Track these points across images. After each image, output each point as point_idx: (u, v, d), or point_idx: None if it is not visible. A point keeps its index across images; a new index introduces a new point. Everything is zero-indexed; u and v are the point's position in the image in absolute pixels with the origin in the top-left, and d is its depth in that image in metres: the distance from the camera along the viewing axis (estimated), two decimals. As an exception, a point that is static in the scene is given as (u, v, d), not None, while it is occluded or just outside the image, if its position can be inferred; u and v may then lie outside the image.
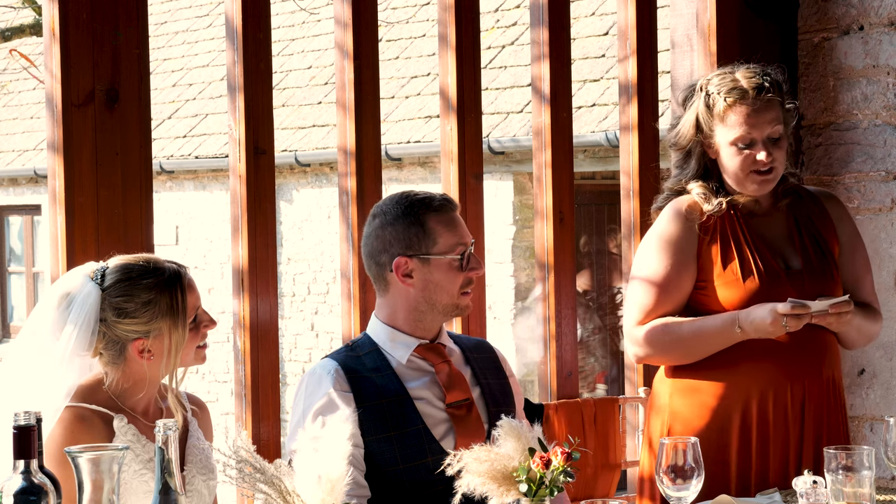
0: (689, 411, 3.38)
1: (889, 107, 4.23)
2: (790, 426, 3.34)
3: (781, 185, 3.47)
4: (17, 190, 13.77)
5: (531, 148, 4.31)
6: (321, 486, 2.28)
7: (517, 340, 9.66)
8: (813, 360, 3.36)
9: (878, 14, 4.24)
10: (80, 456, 2.10)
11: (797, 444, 3.36)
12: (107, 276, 2.78)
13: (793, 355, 3.33)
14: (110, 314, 2.75)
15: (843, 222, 3.52)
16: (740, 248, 3.36)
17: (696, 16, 4.28)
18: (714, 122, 3.37)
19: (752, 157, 3.34)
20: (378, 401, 2.97)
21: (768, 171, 3.35)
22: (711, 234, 3.38)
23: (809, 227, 3.44)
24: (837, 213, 3.53)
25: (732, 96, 3.34)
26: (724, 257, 3.35)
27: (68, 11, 3.15)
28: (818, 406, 3.37)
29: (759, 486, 3.33)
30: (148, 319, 2.75)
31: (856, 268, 3.49)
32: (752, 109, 3.33)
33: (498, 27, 11.12)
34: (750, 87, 3.34)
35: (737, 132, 3.33)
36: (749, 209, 3.42)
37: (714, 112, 3.36)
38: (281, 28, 12.61)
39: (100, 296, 2.75)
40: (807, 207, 3.48)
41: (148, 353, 2.77)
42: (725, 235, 3.38)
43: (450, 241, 3.03)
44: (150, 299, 2.76)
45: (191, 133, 12.35)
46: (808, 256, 3.40)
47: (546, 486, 2.42)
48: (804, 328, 3.28)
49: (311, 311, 11.63)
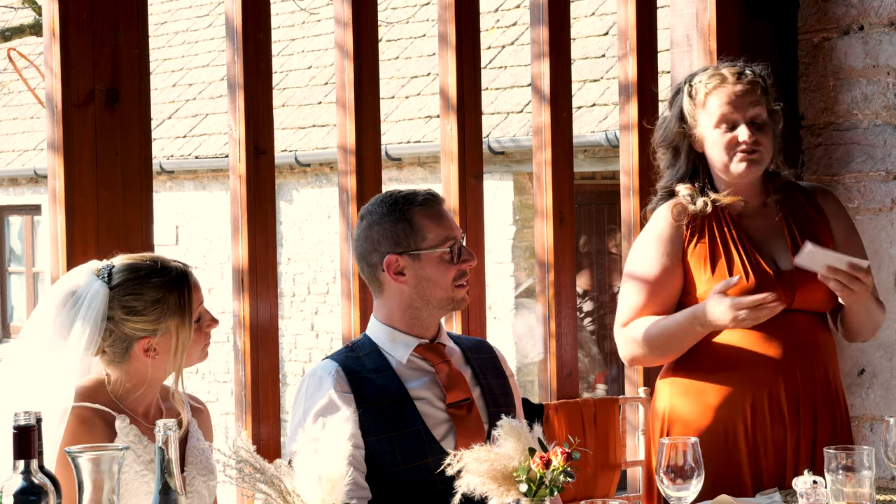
0: (687, 411, 3.39)
1: (889, 107, 4.23)
2: (787, 427, 3.33)
3: (773, 182, 3.46)
4: (17, 190, 13.77)
5: (531, 148, 4.31)
6: (321, 487, 2.28)
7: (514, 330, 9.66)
8: (806, 360, 3.35)
9: (878, 14, 4.24)
10: (80, 456, 2.10)
11: (794, 445, 3.35)
12: (114, 274, 2.78)
13: (786, 356, 3.32)
14: (119, 312, 2.75)
15: (837, 219, 3.49)
16: (728, 250, 3.35)
17: (695, 15, 4.28)
18: (697, 111, 3.38)
19: (735, 138, 3.34)
20: (378, 401, 2.97)
21: (753, 152, 3.33)
22: (699, 236, 3.37)
23: (802, 225, 3.42)
24: (832, 209, 3.50)
25: (713, 81, 3.36)
26: (712, 260, 3.35)
27: (68, 11, 3.15)
28: (813, 406, 3.36)
29: (755, 486, 3.33)
30: (156, 318, 2.76)
31: None
32: (732, 91, 3.34)
33: (498, 27, 11.12)
34: (730, 73, 3.36)
35: (718, 113, 3.34)
36: (738, 210, 3.42)
37: (696, 101, 3.38)
38: (281, 28, 12.61)
39: (108, 294, 2.75)
40: (799, 204, 3.46)
41: (153, 351, 2.77)
42: (713, 237, 3.37)
43: (438, 235, 3.03)
44: (158, 297, 2.76)
45: (191, 133, 12.35)
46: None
47: (546, 486, 2.42)
48: (801, 329, 3.27)
49: (311, 311, 11.63)
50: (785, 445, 3.34)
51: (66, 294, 2.77)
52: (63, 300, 2.76)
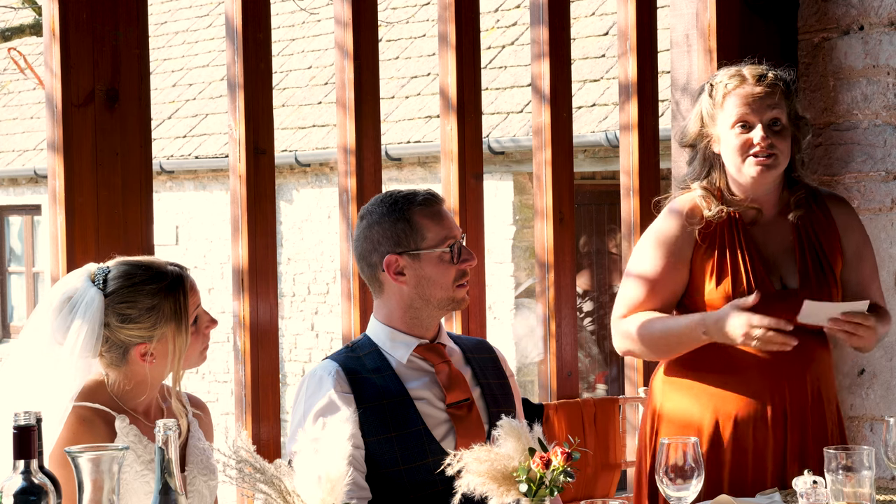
0: (676, 410, 3.38)
1: (889, 107, 4.23)
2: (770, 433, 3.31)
3: (795, 194, 3.40)
4: (17, 190, 13.77)
5: (531, 148, 4.31)
6: (321, 487, 2.28)
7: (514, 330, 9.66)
8: (798, 373, 3.32)
9: (878, 14, 4.24)
10: (80, 456, 2.10)
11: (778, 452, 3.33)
12: (109, 280, 2.76)
13: (776, 364, 3.29)
14: (114, 319, 2.74)
15: (849, 231, 3.43)
16: (735, 263, 3.31)
17: (695, 15, 4.28)
18: (716, 111, 3.34)
19: (750, 140, 3.30)
20: (378, 401, 2.97)
21: (768, 156, 3.29)
22: (709, 243, 3.33)
23: (812, 240, 3.37)
24: (844, 221, 3.44)
25: (733, 82, 3.32)
26: (718, 271, 3.31)
27: (68, 11, 3.15)
28: (801, 417, 3.33)
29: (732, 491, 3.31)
30: (151, 325, 2.75)
31: (861, 277, 3.43)
32: (750, 93, 3.30)
33: (498, 27, 11.12)
34: (751, 75, 3.33)
35: (734, 114, 3.31)
36: (751, 217, 3.38)
37: (715, 100, 3.34)
38: (281, 28, 12.61)
39: (103, 301, 2.74)
40: (813, 217, 3.40)
41: (150, 356, 2.76)
42: (723, 246, 3.32)
43: (438, 235, 3.02)
44: (153, 305, 2.75)
45: (191, 133, 12.35)
46: (807, 274, 3.33)
47: (546, 486, 2.42)
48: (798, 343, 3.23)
49: (311, 311, 11.63)
50: (766, 451, 3.32)
51: (62, 299, 2.76)
52: (59, 306, 2.75)
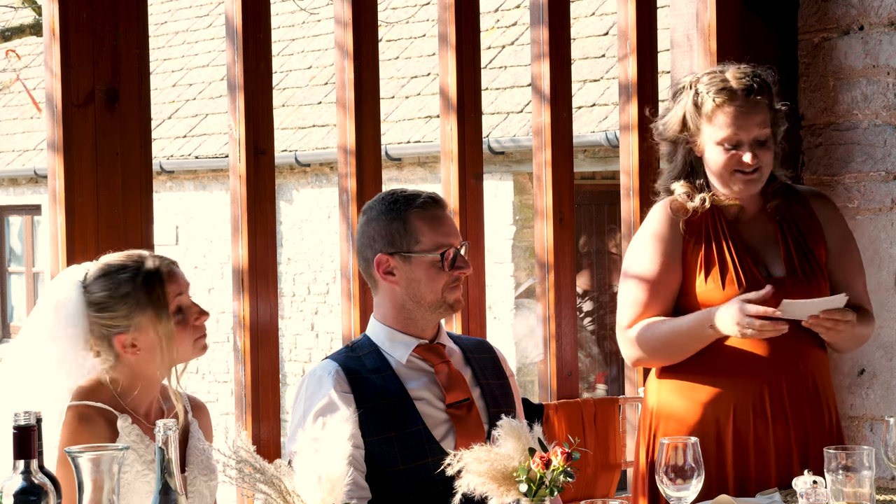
0: (676, 409, 3.39)
1: (889, 107, 4.22)
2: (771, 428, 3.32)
3: (771, 186, 3.46)
4: (17, 190, 13.77)
5: (531, 148, 4.31)
6: (321, 487, 2.28)
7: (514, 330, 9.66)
8: (793, 367, 3.34)
9: (878, 14, 4.24)
10: (80, 456, 2.10)
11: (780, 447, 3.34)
12: (88, 273, 2.81)
13: (773, 363, 3.32)
14: (91, 309, 2.77)
15: (831, 224, 3.48)
16: (722, 255, 3.35)
17: (696, 16, 4.28)
18: (701, 121, 3.37)
19: (737, 157, 3.34)
20: (378, 401, 2.97)
21: (753, 171, 3.35)
22: (696, 237, 3.38)
23: (795, 232, 3.42)
24: (826, 214, 3.50)
25: (721, 96, 3.34)
26: (706, 264, 3.35)
27: (68, 11, 3.15)
28: (801, 411, 3.35)
29: (736, 489, 3.32)
30: (127, 313, 2.76)
31: (845, 271, 3.46)
32: (740, 111, 3.32)
33: (498, 27, 11.12)
34: (739, 88, 3.34)
35: (724, 133, 3.33)
36: (734, 213, 3.43)
37: (702, 111, 3.36)
38: (281, 28, 12.61)
39: (81, 292, 2.77)
40: (793, 210, 3.46)
41: (133, 347, 2.76)
42: (709, 240, 3.37)
43: (431, 240, 3.00)
44: (126, 292, 2.76)
45: (191, 133, 12.35)
46: (792, 264, 3.37)
47: (546, 486, 2.42)
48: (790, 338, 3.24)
49: (311, 311, 11.63)
50: (768, 446, 3.33)
51: (50, 296, 2.81)
52: (48, 303, 2.80)
